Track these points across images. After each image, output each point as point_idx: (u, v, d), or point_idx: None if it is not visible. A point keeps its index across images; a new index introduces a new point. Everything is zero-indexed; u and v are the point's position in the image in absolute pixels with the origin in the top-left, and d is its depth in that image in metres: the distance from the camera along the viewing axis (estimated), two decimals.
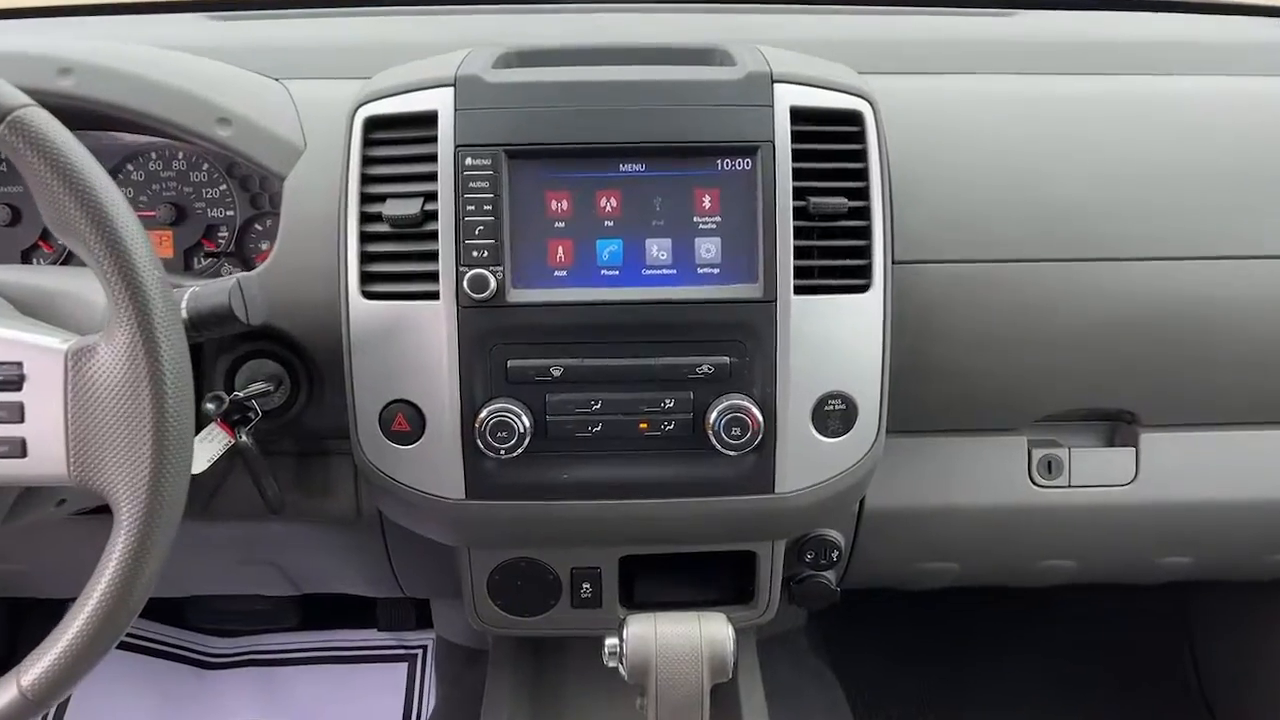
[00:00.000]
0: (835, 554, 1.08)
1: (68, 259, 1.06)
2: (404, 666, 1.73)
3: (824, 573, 1.11)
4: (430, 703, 1.67)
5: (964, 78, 1.05)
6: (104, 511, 0.68)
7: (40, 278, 0.84)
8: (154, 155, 1.05)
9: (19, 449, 0.68)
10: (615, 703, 1.15)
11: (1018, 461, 1.08)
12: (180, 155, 1.05)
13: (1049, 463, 1.08)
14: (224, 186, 1.05)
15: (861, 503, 1.07)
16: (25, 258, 1.06)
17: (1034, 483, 1.08)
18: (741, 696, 1.14)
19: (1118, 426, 1.09)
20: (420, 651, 1.75)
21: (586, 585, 1.02)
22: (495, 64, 0.92)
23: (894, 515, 1.08)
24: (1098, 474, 1.08)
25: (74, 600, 0.68)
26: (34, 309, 0.79)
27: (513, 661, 1.25)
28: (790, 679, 1.46)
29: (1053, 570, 1.17)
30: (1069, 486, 1.08)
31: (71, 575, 0.76)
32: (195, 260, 1.06)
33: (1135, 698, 1.68)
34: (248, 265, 1.05)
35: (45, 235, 1.06)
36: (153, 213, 1.04)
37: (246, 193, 1.05)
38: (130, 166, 1.05)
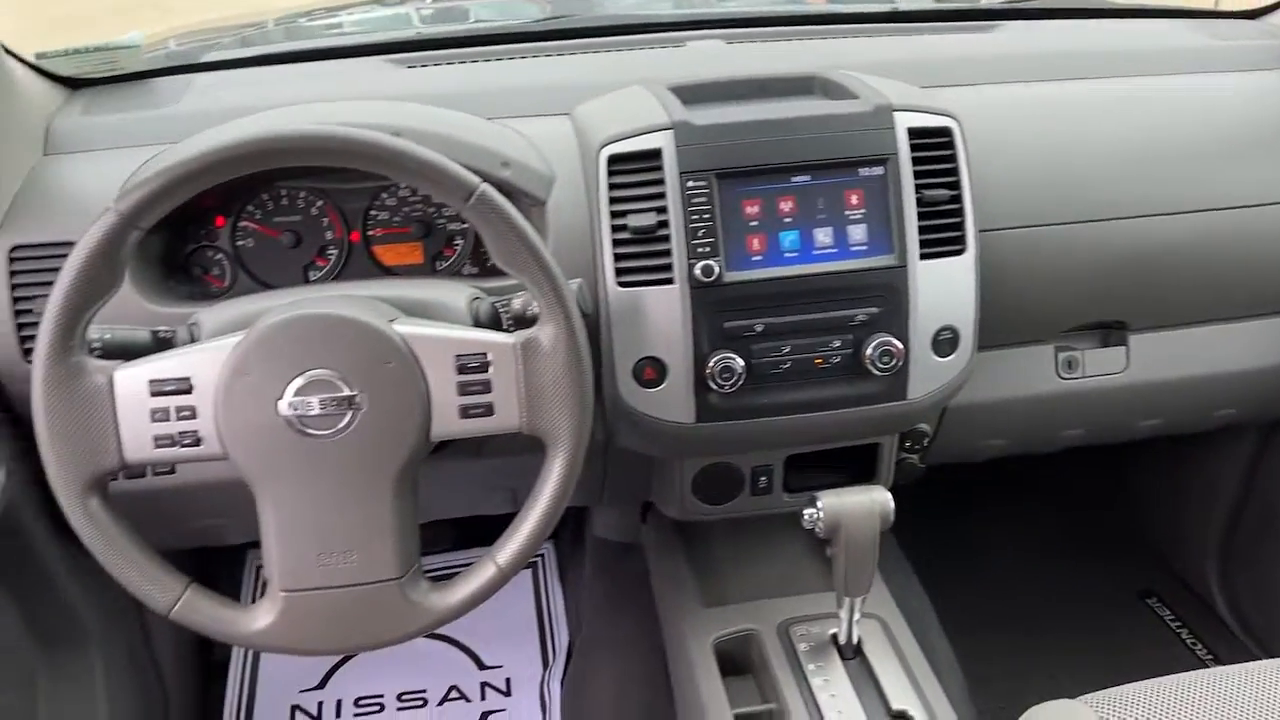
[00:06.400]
0: (926, 440, 1.50)
1: (340, 273, 1.34)
2: (529, 573, 2.10)
3: (912, 455, 1.52)
4: (558, 601, 2.04)
5: (1003, 86, 1.44)
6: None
7: (412, 291, 1.12)
8: (399, 187, 1.35)
9: (488, 410, 1.01)
10: (753, 560, 1.54)
11: (1048, 363, 1.51)
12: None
13: (1069, 361, 1.51)
14: None
15: None
16: (305, 272, 1.35)
17: (1059, 377, 1.51)
18: (887, 558, 1.51)
19: (1113, 332, 1.52)
20: (539, 559, 2.12)
21: (763, 479, 1.41)
22: (684, 99, 1.26)
23: (966, 409, 1.49)
24: (1102, 366, 1.52)
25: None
26: (416, 314, 1.09)
27: (668, 543, 1.63)
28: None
29: (1067, 437, 1.61)
30: (1083, 377, 1.51)
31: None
32: (437, 263, 1.37)
33: (1093, 545, 2.18)
34: (481, 265, 1.36)
35: (320, 252, 1.34)
36: (406, 229, 1.34)
37: None
38: (384, 195, 1.35)
